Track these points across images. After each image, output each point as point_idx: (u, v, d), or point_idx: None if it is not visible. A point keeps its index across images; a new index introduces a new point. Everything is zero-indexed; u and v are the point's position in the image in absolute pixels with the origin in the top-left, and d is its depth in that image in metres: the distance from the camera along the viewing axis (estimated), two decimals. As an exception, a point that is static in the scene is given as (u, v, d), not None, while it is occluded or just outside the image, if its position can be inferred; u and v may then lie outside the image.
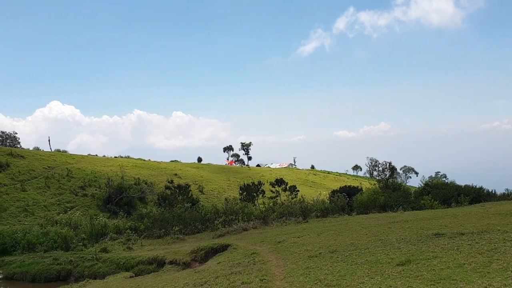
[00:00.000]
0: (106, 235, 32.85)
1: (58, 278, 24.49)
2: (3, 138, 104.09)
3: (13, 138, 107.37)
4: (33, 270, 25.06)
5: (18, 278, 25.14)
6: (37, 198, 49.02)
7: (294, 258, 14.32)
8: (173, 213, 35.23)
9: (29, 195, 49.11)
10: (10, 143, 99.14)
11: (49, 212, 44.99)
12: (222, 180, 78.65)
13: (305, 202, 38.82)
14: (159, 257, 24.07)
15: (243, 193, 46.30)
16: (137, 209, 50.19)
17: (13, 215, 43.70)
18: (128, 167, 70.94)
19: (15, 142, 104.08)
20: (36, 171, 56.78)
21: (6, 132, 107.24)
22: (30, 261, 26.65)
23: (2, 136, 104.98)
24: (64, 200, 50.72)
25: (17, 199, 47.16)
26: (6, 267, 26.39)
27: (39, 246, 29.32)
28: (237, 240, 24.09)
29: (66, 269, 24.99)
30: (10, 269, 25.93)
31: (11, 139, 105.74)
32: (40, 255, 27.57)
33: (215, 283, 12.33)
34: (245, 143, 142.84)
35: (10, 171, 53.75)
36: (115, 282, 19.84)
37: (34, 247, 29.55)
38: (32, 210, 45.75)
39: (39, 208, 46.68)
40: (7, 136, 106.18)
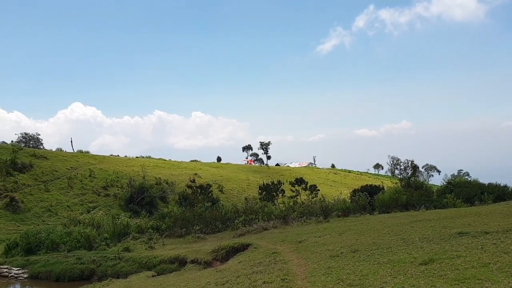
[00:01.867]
0: (128, 234, 33.17)
1: (81, 277, 24.75)
2: (26, 139, 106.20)
3: (36, 139, 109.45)
4: (57, 270, 25.38)
5: (42, 277, 25.48)
6: (60, 198, 49.87)
7: (316, 258, 14.27)
8: (194, 213, 35.44)
9: (52, 195, 49.99)
10: (33, 145, 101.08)
11: (72, 212, 45.73)
12: (241, 180, 78.77)
13: (325, 202, 38.63)
14: (180, 256, 24.21)
15: (263, 193, 46.30)
16: (158, 208, 50.65)
17: (37, 215, 44.55)
18: (149, 167, 71.62)
19: (38, 144, 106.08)
20: (59, 172, 57.76)
21: (30, 134, 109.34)
22: (54, 260, 26.99)
23: (26, 138, 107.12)
24: (87, 200, 51.50)
25: (40, 200, 48.05)
26: (31, 267, 26.74)
27: (63, 245, 29.67)
28: (258, 239, 24.11)
29: (89, 268, 25.26)
30: (35, 268, 26.28)
31: (34, 140, 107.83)
32: (63, 254, 27.93)
33: (236, 282, 12.36)
34: (264, 142, 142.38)
35: (34, 172, 54.79)
36: (138, 281, 20.04)
37: (58, 246, 29.91)
38: (56, 210, 46.56)
39: (62, 208, 47.48)
40: (31, 137, 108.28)
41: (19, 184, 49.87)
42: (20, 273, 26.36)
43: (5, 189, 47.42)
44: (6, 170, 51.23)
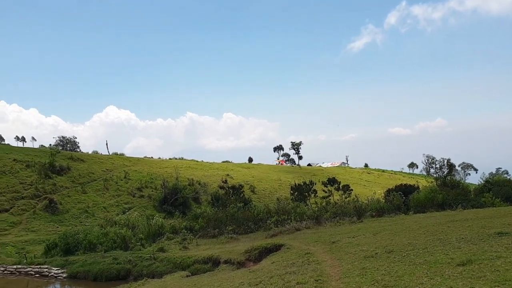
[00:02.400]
0: (162, 235, 33.63)
1: (118, 277, 25.12)
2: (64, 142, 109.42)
3: (73, 142, 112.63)
4: (94, 269, 25.88)
5: (81, 277, 26.03)
6: (97, 200, 51.10)
7: (350, 259, 14.12)
8: (226, 213, 35.63)
9: (89, 197, 51.29)
10: (71, 148, 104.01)
11: (108, 213, 46.80)
12: (273, 180, 78.75)
13: (359, 202, 38.16)
14: (214, 256, 24.36)
15: (295, 193, 46.14)
16: (191, 209, 51.22)
17: (75, 217, 45.78)
18: (182, 168, 72.54)
19: (75, 147, 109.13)
20: (95, 174, 59.22)
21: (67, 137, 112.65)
22: (92, 260, 27.56)
23: (63, 141, 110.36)
24: (122, 201, 52.59)
25: (78, 201, 49.38)
26: (69, 267, 27.38)
27: (100, 246, 30.29)
28: (290, 240, 24.03)
29: (125, 268, 25.65)
30: (73, 268, 26.90)
31: (71, 143, 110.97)
32: (100, 254, 28.51)
33: (269, 283, 12.36)
34: (295, 142, 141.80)
35: (71, 174, 56.36)
36: (173, 281, 20.28)
37: (95, 247, 30.56)
38: (92, 211, 47.74)
39: (99, 210, 48.64)
40: (68, 140, 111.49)
41: (57, 186, 51.39)
42: (59, 272, 27.05)
43: (44, 191, 48.96)
44: (45, 172, 52.91)
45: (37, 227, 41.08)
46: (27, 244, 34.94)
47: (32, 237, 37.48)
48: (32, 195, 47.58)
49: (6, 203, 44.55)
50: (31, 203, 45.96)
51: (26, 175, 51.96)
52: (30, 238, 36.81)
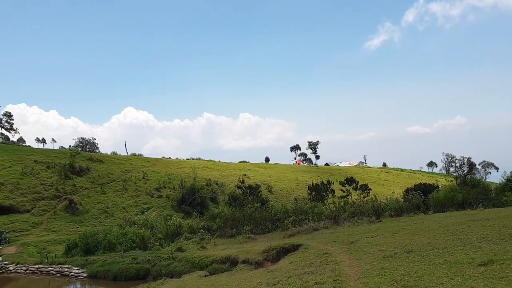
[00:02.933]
0: (181, 234, 33.83)
1: (137, 276, 25.34)
2: (83, 144, 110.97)
3: (92, 143, 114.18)
4: (114, 269, 26.15)
5: (100, 276, 26.31)
6: (116, 200, 51.66)
7: (368, 259, 14.01)
8: (244, 213, 35.70)
9: (108, 197, 51.88)
10: (90, 149, 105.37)
11: (127, 213, 47.28)
12: (290, 180, 78.59)
13: (377, 201, 37.85)
14: (232, 256, 24.41)
15: (312, 193, 46.01)
16: (209, 209, 51.40)
17: (95, 217, 46.36)
18: (200, 169, 72.88)
19: (94, 148, 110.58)
20: (114, 175, 59.89)
21: (86, 138, 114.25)
22: (111, 260, 27.84)
23: (82, 142, 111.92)
24: (141, 201, 53.07)
25: (97, 202, 49.98)
26: (90, 266, 27.72)
27: (119, 246, 30.58)
28: (308, 240, 23.95)
29: (144, 268, 25.86)
30: (93, 268, 27.21)
31: (91, 144, 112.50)
32: (120, 254, 28.78)
33: (288, 283, 12.34)
34: (313, 142, 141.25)
35: (91, 175, 57.08)
36: (191, 280, 20.39)
37: (114, 247, 30.85)
38: (112, 211, 48.28)
39: (118, 210, 49.17)
40: (87, 142, 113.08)
41: (77, 187, 52.10)
42: (79, 272, 27.41)
43: (64, 192, 49.70)
44: (65, 173, 53.71)
45: (57, 227, 41.71)
46: (48, 244, 35.49)
47: (53, 237, 38.06)
48: (53, 196, 48.33)
49: (27, 203, 45.33)
50: (51, 203, 46.69)
51: (47, 176, 52.79)
52: (51, 238, 37.38)
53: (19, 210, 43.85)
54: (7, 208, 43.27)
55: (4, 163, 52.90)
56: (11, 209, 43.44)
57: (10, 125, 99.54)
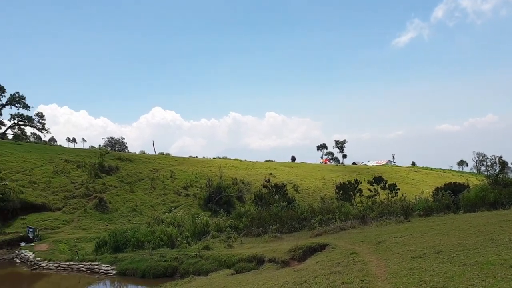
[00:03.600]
0: (207, 233, 34.03)
1: (165, 274, 25.46)
2: (112, 143, 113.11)
3: (121, 143, 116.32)
4: (142, 267, 26.36)
5: (129, 273, 26.55)
6: (144, 198, 52.42)
7: (396, 259, 13.81)
8: (270, 212, 35.70)
9: (137, 196, 52.69)
10: (119, 148, 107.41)
11: (155, 212, 47.91)
12: (317, 179, 78.19)
13: (406, 201, 37.27)
14: (258, 255, 24.41)
15: (340, 192, 45.65)
16: (235, 207, 51.60)
17: (124, 215, 47.14)
18: (226, 168, 73.28)
19: (123, 147, 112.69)
20: (143, 174, 60.80)
21: (115, 138, 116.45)
22: (140, 258, 28.10)
23: (112, 142, 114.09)
24: (169, 200, 53.70)
25: (126, 200, 50.81)
26: (119, 263, 28.04)
27: (147, 243, 30.92)
28: (335, 239, 23.77)
29: (172, 265, 26.01)
30: (122, 265, 27.52)
31: (120, 144, 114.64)
32: (148, 252, 29.10)
33: (314, 282, 12.27)
34: (339, 141, 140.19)
35: (120, 174, 58.10)
36: (218, 279, 20.48)
37: (142, 244, 31.20)
38: (140, 210, 48.99)
39: (146, 208, 49.88)
40: (116, 141, 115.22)
41: (106, 186, 53.10)
42: (109, 269, 27.83)
43: (94, 190, 50.73)
44: (95, 172, 54.84)
45: (88, 225, 42.58)
46: (79, 242, 36.23)
47: (83, 234, 38.85)
48: (83, 194, 49.38)
49: (59, 202, 46.46)
50: (82, 202, 47.72)
51: (77, 175, 54.01)
52: (81, 236, 38.16)
53: (50, 208, 44.97)
54: (40, 206, 44.44)
55: (37, 162, 54.38)
56: (43, 207, 44.60)
57: (42, 125, 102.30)
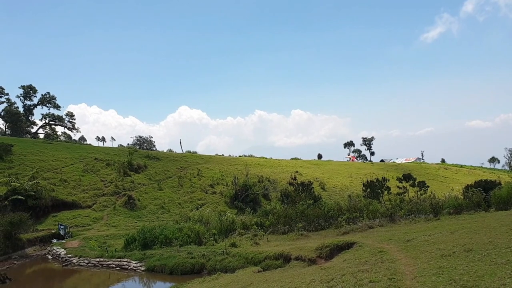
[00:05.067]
0: (234, 230, 34.21)
1: (192, 271, 25.69)
2: (141, 142, 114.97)
3: (149, 141, 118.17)
4: (170, 263, 26.67)
5: (157, 270, 26.87)
6: (172, 196, 53.04)
7: (425, 257, 13.59)
8: (296, 210, 35.56)
9: (165, 193, 53.36)
10: (147, 147, 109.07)
11: (182, 209, 48.41)
12: (344, 177, 77.52)
13: (435, 199, 36.57)
14: (284, 252, 24.40)
15: (367, 190, 45.15)
16: (261, 205, 51.69)
17: (152, 212, 47.81)
18: (252, 166, 73.44)
19: (151, 146, 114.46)
20: (170, 172, 61.54)
21: (143, 137, 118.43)
22: (168, 254, 28.44)
23: (140, 140, 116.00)
24: (196, 197, 54.19)
25: (154, 198, 51.51)
26: (147, 260, 28.42)
27: (175, 240, 31.26)
28: (363, 238, 23.55)
29: (199, 262, 26.22)
30: (151, 262, 27.87)
31: (148, 142, 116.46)
32: (176, 249, 29.41)
33: (341, 281, 12.18)
34: (367, 138, 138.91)
35: (148, 172, 58.98)
36: (245, 276, 20.57)
37: (170, 241, 31.57)
38: (168, 207, 49.59)
39: (174, 206, 50.46)
40: (144, 140, 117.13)
41: (135, 184, 53.97)
42: (138, 266, 28.26)
43: (123, 188, 51.62)
44: (124, 170, 55.81)
45: (117, 222, 43.34)
46: (108, 239, 36.87)
47: (113, 231, 39.54)
48: (112, 192, 50.32)
49: (89, 199, 47.47)
50: (111, 199, 48.63)
51: (107, 173, 55.07)
52: (111, 233, 38.85)
53: (81, 205, 46.00)
54: (70, 204, 45.52)
55: (67, 161, 55.69)
56: (74, 205, 45.66)
57: (72, 124, 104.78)
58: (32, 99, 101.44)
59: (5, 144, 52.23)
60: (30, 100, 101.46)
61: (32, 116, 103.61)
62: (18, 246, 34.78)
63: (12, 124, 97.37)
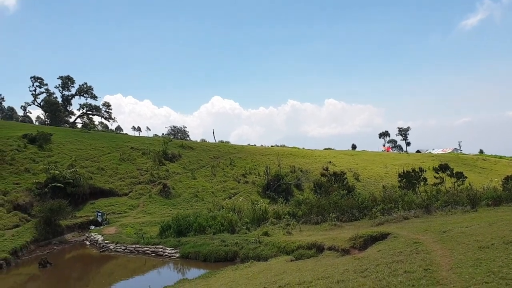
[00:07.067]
0: (266, 220, 34.34)
1: (226, 258, 26.03)
2: (175, 132, 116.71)
3: (183, 131, 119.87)
4: (204, 251, 27.06)
5: (192, 257, 27.30)
6: (205, 185, 53.64)
7: (462, 249, 13.29)
8: (329, 200, 35.36)
9: (198, 182, 54.02)
10: (181, 136, 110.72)
11: (215, 198, 48.91)
12: (378, 167, 76.41)
13: (473, 190, 35.63)
14: (317, 242, 24.36)
15: (402, 180, 44.35)
16: (293, 195, 51.60)
17: (186, 200, 48.52)
18: (284, 156, 73.31)
19: (185, 135, 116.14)
20: (204, 161, 62.23)
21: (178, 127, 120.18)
22: (202, 242, 28.86)
23: (174, 130, 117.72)
24: (228, 187, 54.63)
25: (188, 186, 52.23)
26: (182, 247, 28.87)
27: (209, 228, 31.67)
28: (398, 228, 23.23)
29: (232, 250, 26.53)
30: (185, 249, 28.32)
31: (182, 132, 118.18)
32: (209, 237, 29.82)
33: (375, 271, 12.07)
34: (403, 128, 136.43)
35: (182, 161, 59.84)
36: (278, 264, 20.68)
37: (204, 229, 32.00)
38: (202, 196, 50.19)
39: (207, 194, 51.02)
40: (178, 130, 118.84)
41: (170, 172, 54.86)
42: (173, 252, 28.79)
43: (158, 177, 52.58)
44: (159, 159, 56.86)
45: (152, 210, 44.19)
46: (144, 226, 37.61)
47: (148, 219, 40.33)
48: (148, 180, 51.33)
49: (125, 187, 48.60)
50: (147, 187, 49.63)
51: (142, 162, 56.18)
52: (146, 220, 39.63)
53: (118, 193, 47.16)
54: (107, 191, 46.73)
55: (104, 149, 57.10)
56: (111, 192, 46.86)
57: (109, 114, 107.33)
58: (70, 89, 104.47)
59: (45, 133, 53.96)
60: (68, 91, 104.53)
61: (70, 106, 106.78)
62: (58, 232, 36.02)
63: (51, 114, 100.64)
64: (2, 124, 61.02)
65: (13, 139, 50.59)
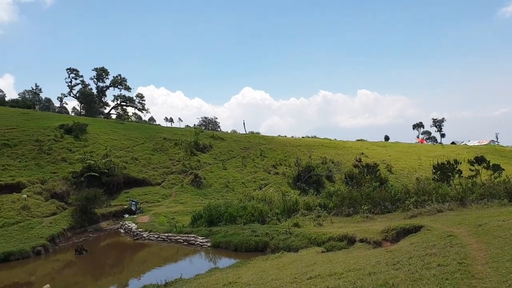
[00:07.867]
0: (297, 211, 34.24)
1: (256, 248, 26.12)
2: (206, 122, 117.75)
3: (214, 122, 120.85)
4: (235, 240, 27.24)
5: (223, 246, 27.58)
6: (236, 176, 53.97)
7: (499, 243, 12.92)
8: (361, 192, 34.96)
9: (229, 173, 54.40)
10: (212, 127, 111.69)
11: (246, 188, 49.15)
12: (412, 159, 75.07)
13: (510, 183, 34.54)
14: (349, 234, 24.15)
15: (437, 173, 43.47)
16: (325, 187, 51.37)
17: (217, 191, 48.98)
18: (315, 147, 72.89)
19: (216, 126, 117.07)
20: (234, 152, 62.56)
21: (209, 118, 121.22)
22: (232, 232, 29.07)
23: (206, 121, 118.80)
24: (259, 177, 54.79)
25: (219, 177, 52.68)
26: (213, 237, 29.22)
27: (239, 218, 31.83)
28: (431, 221, 22.77)
29: (263, 241, 26.59)
30: (216, 238, 28.64)
31: (213, 123, 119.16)
32: (240, 227, 29.97)
33: (408, 264, 11.89)
34: (437, 119, 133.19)
35: (213, 152, 60.34)
36: (308, 255, 20.63)
37: (235, 219, 32.18)
38: (232, 186, 50.56)
39: (238, 185, 51.34)
40: (209, 121, 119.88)
41: (201, 163, 55.45)
42: (204, 241, 29.15)
43: (190, 167, 53.25)
44: (190, 150, 57.54)
45: (184, 199, 44.84)
46: (176, 215, 38.24)
47: (181, 208, 40.94)
48: (180, 171, 52.06)
49: (158, 177, 49.46)
50: (179, 177, 50.34)
51: (175, 152, 56.96)
52: (178, 209, 40.24)
53: (151, 183, 48.05)
54: (141, 181, 47.68)
55: (138, 140, 58.17)
56: (144, 182, 47.80)
57: (142, 105, 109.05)
58: (104, 81, 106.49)
59: (81, 123, 55.35)
60: (102, 82, 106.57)
61: (104, 97, 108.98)
62: (93, 220, 37.07)
63: (87, 105, 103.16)
64: (39, 115, 62.87)
65: (50, 130, 52.09)
